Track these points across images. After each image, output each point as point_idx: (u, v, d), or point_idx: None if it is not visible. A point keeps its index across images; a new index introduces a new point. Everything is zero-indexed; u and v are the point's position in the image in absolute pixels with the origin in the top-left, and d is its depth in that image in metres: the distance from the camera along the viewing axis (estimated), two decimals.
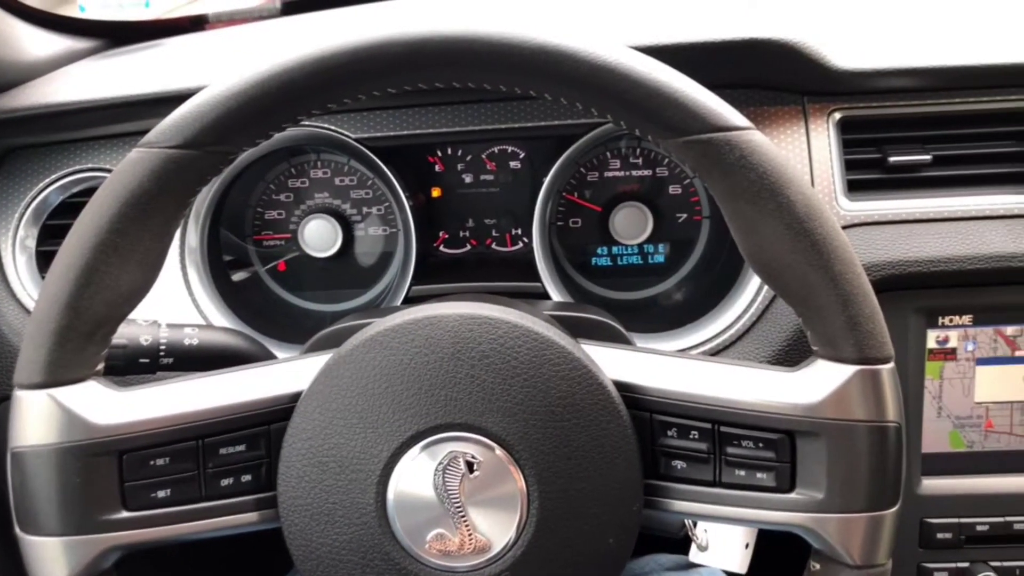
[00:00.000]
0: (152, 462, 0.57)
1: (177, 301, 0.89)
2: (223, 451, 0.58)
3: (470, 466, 0.56)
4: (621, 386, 0.58)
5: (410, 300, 0.90)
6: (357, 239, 1.01)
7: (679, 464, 0.59)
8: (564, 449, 0.56)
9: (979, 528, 0.90)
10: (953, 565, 0.91)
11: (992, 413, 0.90)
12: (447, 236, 1.01)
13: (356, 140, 0.88)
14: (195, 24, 1.13)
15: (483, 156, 0.99)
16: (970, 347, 0.88)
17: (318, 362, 0.60)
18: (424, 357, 0.56)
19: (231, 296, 0.94)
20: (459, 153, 0.99)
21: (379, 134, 0.89)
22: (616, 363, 0.60)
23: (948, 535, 0.90)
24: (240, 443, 0.59)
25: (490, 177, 0.99)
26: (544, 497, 0.56)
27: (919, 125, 0.85)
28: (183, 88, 0.83)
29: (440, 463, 0.56)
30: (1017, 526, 0.90)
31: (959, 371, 0.89)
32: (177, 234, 0.86)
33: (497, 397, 0.56)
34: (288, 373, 0.61)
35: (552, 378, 0.56)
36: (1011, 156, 0.85)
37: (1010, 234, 0.83)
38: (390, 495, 0.56)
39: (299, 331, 0.91)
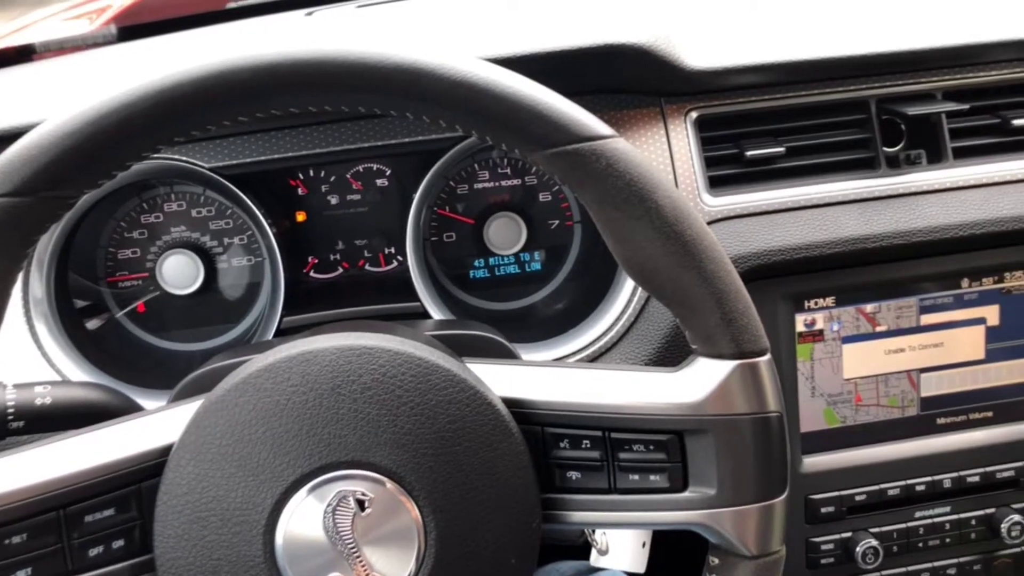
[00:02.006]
0: (6, 542, 0.52)
1: (26, 358, 0.82)
2: (89, 518, 0.54)
3: (361, 504, 0.54)
4: (510, 402, 0.58)
5: (283, 332, 0.87)
6: (220, 272, 0.96)
7: (574, 475, 0.59)
8: (458, 475, 0.55)
9: (858, 498, 0.94)
10: (837, 536, 0.95)
11: (860, 388, 0.94)
12: (317, 261, 0.97)
13: (210, 169, 0.84)
14: (21, 55, 1.05)
15: (348, 176, 0.96)
16: (835, 327, 0.93)
17: (188, 410, 0.56)
18: (302, 396, 0.54)
19: (87, 346, 0.88)
20: (322, 174, 0.96)
21: (234, 161, 0.85)
22: (503, 380, 0.59)
23: (831, 509, 0.94)
24: (108, 507, 0.55)
25: (357, 197, 0.97)
26: (441, 526, 0.54)
27: (771, 118, 0.89)
28: (10, 127, 0.77)
29: (329, 504, 0.54)
30: (891, 492, 0.95)
31: (827, 351, 0.93)
32: (18, 285, 0.80)
33: (383, 429, 0.54)
34: (156, 425, 0.57)
35: (439, 403, 0.55)
36: (856, 143, 0.90)
37: (862, 217, 0.87)
38: (279, 544, 0.53)
39: (167, 375, 0.85)
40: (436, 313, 0.88)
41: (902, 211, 0.88)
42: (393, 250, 0.98)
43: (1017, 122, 0.90)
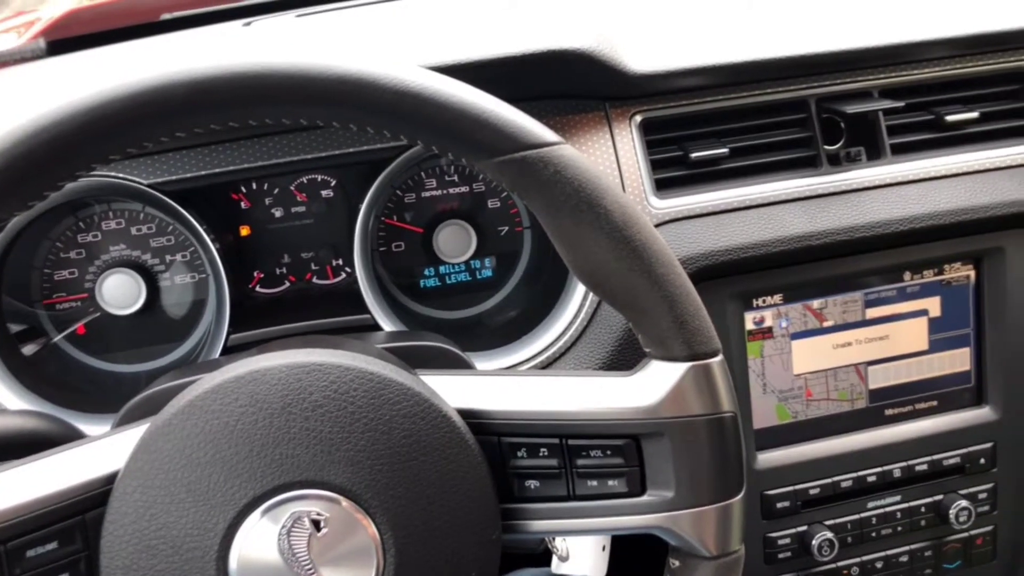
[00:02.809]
0: None
1: None
2: (31, 553, 0.52)
3: (316, 524, 0.53)
4: (466, 413, 0.57)
5: (230, 349, 0.85)
6: (163, 290, 0.93)
7: (532, 483, 0.59)
8: (415, 489, 0.54)
9: (812, 492, 0.96)
10: (793, 530, 0.97)
11: (810, 383, 0.96)
12: (263, 276, 0.96)
13: (148, 186, 0.82)
14: None
15: (292, 188, 0.95)
16: (784, 324, 0.94)
17: (133, 435, 0.54)
18: (252, 416, 0.53)
19: (24, 372, 0.85)
20: (265, 187, 0.94)
21: (174, 177, 0.83)
22: (458, 390, 0.58)
23: (786, 504, 0.95)
24: (50, 540, 0.52)
25: (302, 209, 0.95)
26: (400, 542, 0.53)
27: (714, 120, 0.90)
28: None
29: (283, 526, 0.52)
30: (844, 484, 0.97)
31: (777, 347, 0.94)
32: None
33: (336, 447, 0.53)
34: (100, 452, 0.55)
35: (393, 418, 0.54)
36: (798, 142, 0.91)
37: (806, 215, 0.89)
38: (233, 569, 0.52)
39: (111, 399, 0.83)
40: (387, 325, 0.87)
41: (844, 208, 0.90)
42: (341, 262, 0.97)
43: (950, 118, 0.92)
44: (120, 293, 0.89)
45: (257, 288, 0.96)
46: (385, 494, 0.53)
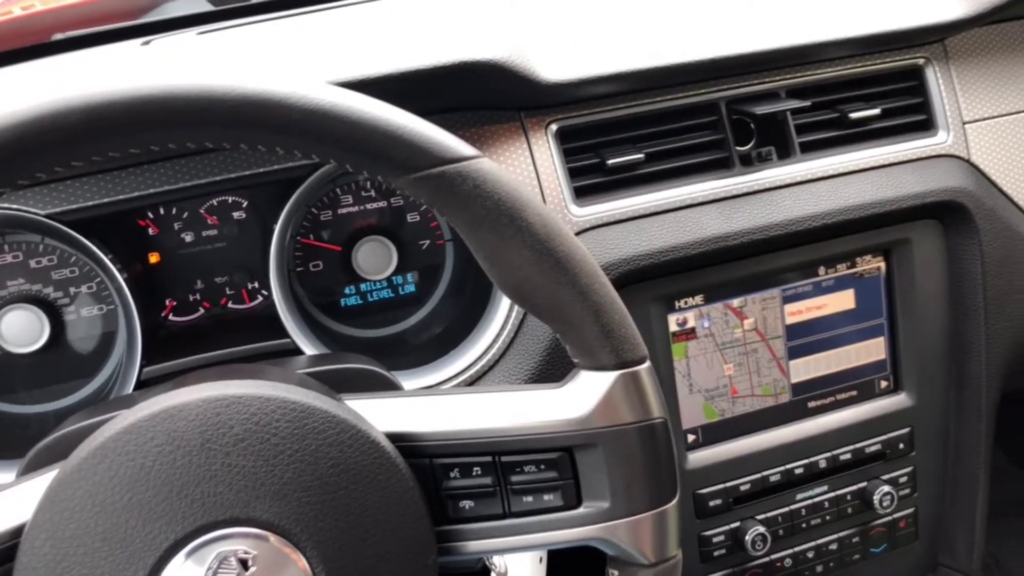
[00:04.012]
0: None
1: None
2: None
3: (244, 563, 0.51)
4: (395, 437, 0.56)
5: (144, 383, 0.81)
6: (69, 324, 0.89)
7: (467, 504, 0.58)
8: (345, 519, 0.52)
9: (743, 488, 0.97)
10: (727, 527, 0.98)
11: (735, 380, 0.97)
12: (175, 304, 0.92)
13: (46, 216, 0.78)
14: None
15: (201, 211, 0.91)
16: (706, 324, 0.95)
17: (40, 483, 0.51)
18: (169, 455, 0.50)
19: None
20: (173, 212, 0.90)
21: (74, 206, 0.79)
22: (385, 414, 0.57)
23: (719, 501, 0.96)
24: None
25: (213, 232, 0.92)
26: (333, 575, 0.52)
27: (629, 126, 0.90)
28: None
29: (209, 568, 0.50)
30: (773, 478, 0.98)
31: (701, 347, 0.95)
32: None
33: (261, 481, 0.51)
34: (4, 504, 0.52)
35: (319, 447, 0.52)
36: (711, 144, 0.92)
37: (721, 216, 0.90)
38: None
39: (18, 442, 0.78)
40: (308, 348, 0.85)
41: (758, 207, 0.91)
42: (257, 285, 0.94)
43: (854, 115, 0.95)
44: (20, 330, 0.85)
45: (170, 317, 0.92)
46: (314, 527, 0.52)
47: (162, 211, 0.90)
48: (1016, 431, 1.72)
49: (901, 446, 1.03)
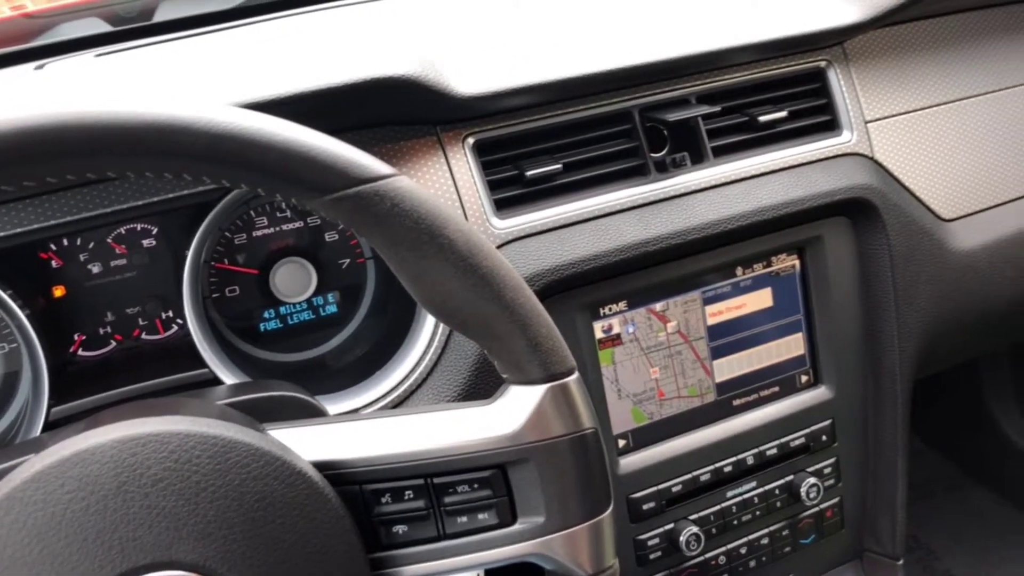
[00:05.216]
0: None
1: None
2: None
3: None
4: (322, 465, 0.54)
5: (52, 424, 0.77)
6: None
7: (400, 528, 0.57)
8: (275, 555, 0.51)
9: (674, 489, 0.98)
10: (661, 529, 0.99)
11: (661, 383, 0.98)
12: (84, 337, 0.88)
13: None
14: None
15: (109, 240, 0.87)
16: (631, 329, 0.96)
17: None
18: (83, 502, 0.48)
19: None
20: (78, 242, 0.86)
21: None
22: (311, 442, 0.56)
23: (652, 504, 0.97)
24: None
25: (122, 262, 0.88)
26: None
27: (546, 137, 0.90)
28: None
29: None
30: (703, 477, 1.00)
31: (627, 353, 0.96)
32: None
33: (183, 522, 0.49)
34: None
35: (243, 482, 0.51)
36: (626, 152, 0.93)
37: (640, 222, 0.91)
38: None
39: None
40: (228, 377, 0.82)
41: (675, 212, 0.93)
42: (171, 314, 0.90)
43: (763, 118, 0.97)
44: None
45: (79, 352, 0.88)
46: (242, 564, 0.50)
47: (66, 242, 0.86)
48: (929, 415, 1.79)
49: (824, 438, 1.06)
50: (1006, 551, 1.63)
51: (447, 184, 0.85)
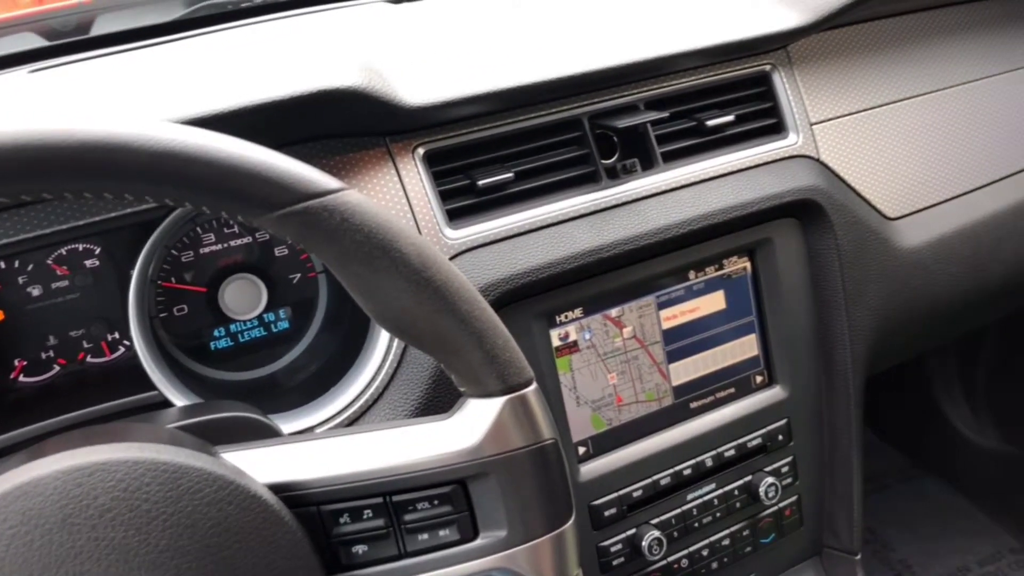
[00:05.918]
0: None
1: None
2: None
3: None
4: (278, 488, 0.53)
5: None
6: None
7: (360, 549, 0.56)
8: None
9: (635, 494, 0.98)
10: (623, 535, 0.99)
11: (619, 389, 0.98)
12: (26, 363, 0.85)
13: None
14: None
15: (49, 262, 0.85)
16: (587, 335, 0.96)
17: None
18: (25, 537, 0.46)
19: None
20: (16, 265, 0.84)
21: None
22: (265, 464, 0.55)
23: (613, 510, 0.97)
24: None
25: (64, 283, 0.86)
26: None
27: (497, 146, 0.90)
28: None
29: None
30: (663, 481, 1.00)
31: (584, 360, 0.96)
32: None
33: (134, 553, 0.47)
34: None
35: (197, 508, 0.49)
36: (577, 160, 0.93)
37: (592, 229, 0.91)
38: None
39: None
40: (177, 399, 0.80)
41: (627, 218, 0.93)
42: (117, 335, 0.88)
43: (711, 123, 0.98)
44: None
45: (20, 378, 0.85)
46: None
47: (3, 265, 0.83)
48: (881, 410, 1.83)
49: (780, 437, 1.07)
50: (958, 539, 1.67)
51: (398, 196, 0.84)
